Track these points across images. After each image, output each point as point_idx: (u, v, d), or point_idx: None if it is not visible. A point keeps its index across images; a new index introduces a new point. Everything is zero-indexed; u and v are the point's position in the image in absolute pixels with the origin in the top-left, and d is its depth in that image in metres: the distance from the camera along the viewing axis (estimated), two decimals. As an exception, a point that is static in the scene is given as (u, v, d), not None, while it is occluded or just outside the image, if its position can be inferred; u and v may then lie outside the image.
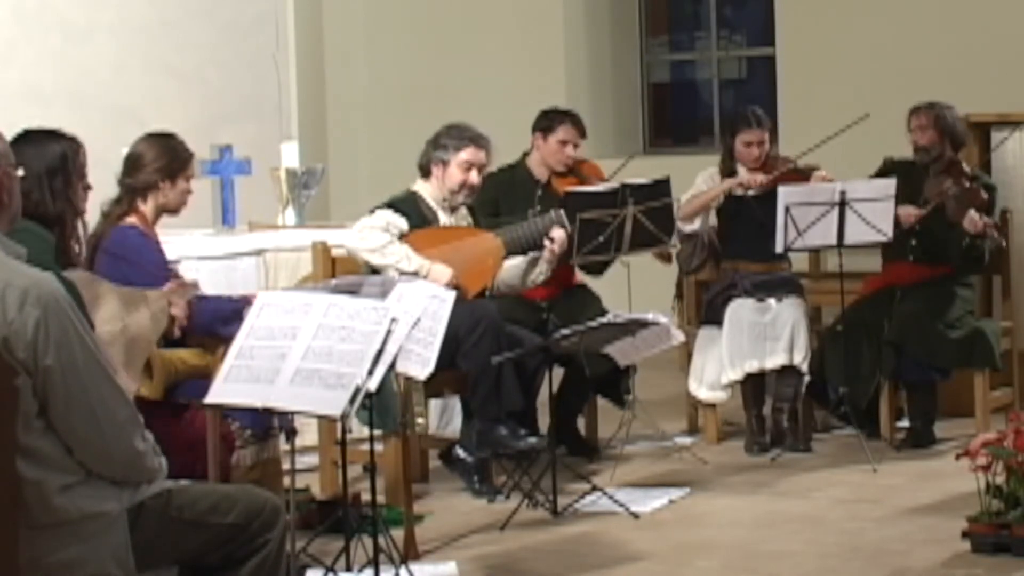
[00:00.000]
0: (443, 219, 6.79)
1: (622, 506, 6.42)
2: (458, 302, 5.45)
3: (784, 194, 7.26)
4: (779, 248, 7.34)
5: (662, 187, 7.14)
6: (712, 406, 7.77)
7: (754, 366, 7.47)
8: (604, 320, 6.50)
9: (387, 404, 6.07)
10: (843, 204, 7.26)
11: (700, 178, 7.69)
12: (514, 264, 6.87)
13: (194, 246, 7.28)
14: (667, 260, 7.75)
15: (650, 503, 6.56)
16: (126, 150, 5.90)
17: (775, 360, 7.44)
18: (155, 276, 5.50)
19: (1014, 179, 8.32)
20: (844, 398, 7.35)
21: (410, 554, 5.76)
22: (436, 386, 6.51)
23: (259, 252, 7.43)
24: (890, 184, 7.36)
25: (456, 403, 7.29)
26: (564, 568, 5.72)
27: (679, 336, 6.73)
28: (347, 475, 5.41)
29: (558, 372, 7.11)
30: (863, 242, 7.38)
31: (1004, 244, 7.48)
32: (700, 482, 6.96)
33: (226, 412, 5.32)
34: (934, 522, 6.05)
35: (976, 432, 6.67)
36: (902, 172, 7.55)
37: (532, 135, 7.58)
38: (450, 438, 7.24)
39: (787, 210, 7.24)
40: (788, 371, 7.47)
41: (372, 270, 6.43)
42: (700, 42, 12.36)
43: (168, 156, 5.78)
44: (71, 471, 3.53)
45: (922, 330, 7.37)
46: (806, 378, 7.50)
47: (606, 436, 7.56)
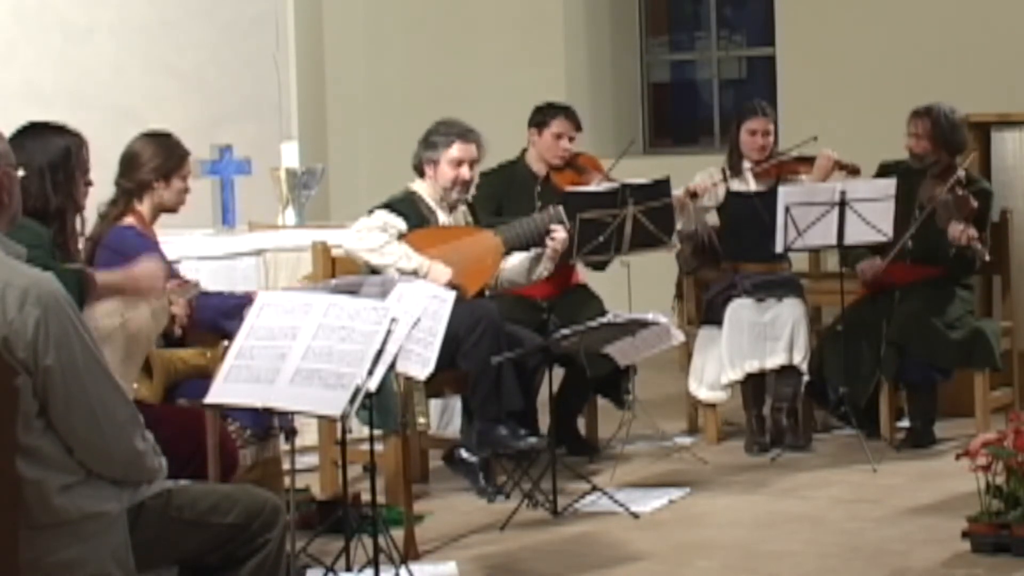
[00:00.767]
0: (442, 218, 6.79)
1: (622, 506, 6.42)
2: (458, 302, 5.45)
3: (784, 194, 7.27)
4: (779, 248, 7.35)
5: (662, 187, 7.14)
6: (712, 406, 7.77)
7: (754, 366, 7.47)
8: (604, 320, 6.50)
9: (387, 404, 6.07)
10: (843, 204, 7.25)
11: (699, 177, 7.69)
12: (517, 261, 6.87)
13: (194, 246, 7.28)
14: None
15: (650, 503, 6.56)
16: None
17: (775, 360, 7.44)
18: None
19: (1014, 179, 8.31)
20: (844, 398, 7.35)
21: (410, 554, 5.76)
22: (436, 386, 6.51)
23: (259, 252, 7.43)
24: (890, 184, 7.36)
25: (456, 403, 7.30)
26: (564, 568, 5.72)
27: (679, 336, 6.73)
28: (347, 475, 5.41)
29: (558, 372, 7.11)
30: (863, 242, 7.38)
31: (987, 258, 7.46)
32: (700, 482, 6.96)
33: (226, 412, 5.32)
34: (934, 522, 6.05)
35: (976, 432, 6.67)
36: (897, 174, 7.54)
37: (528, 131, 7.60)
38: (450, 438, 7.24)
39: (787, 210, 7.24)
40: (788, 371, 7.47)
41: (372, 270, 6.43)
42: (700, 42, 12.36)
43: (163, 155, 5.76)
44: (71, 471, 3.53)
45: (923, 330, 7.37)
46: (806, 378, 7.50)
47: (606, 436, 7.56)
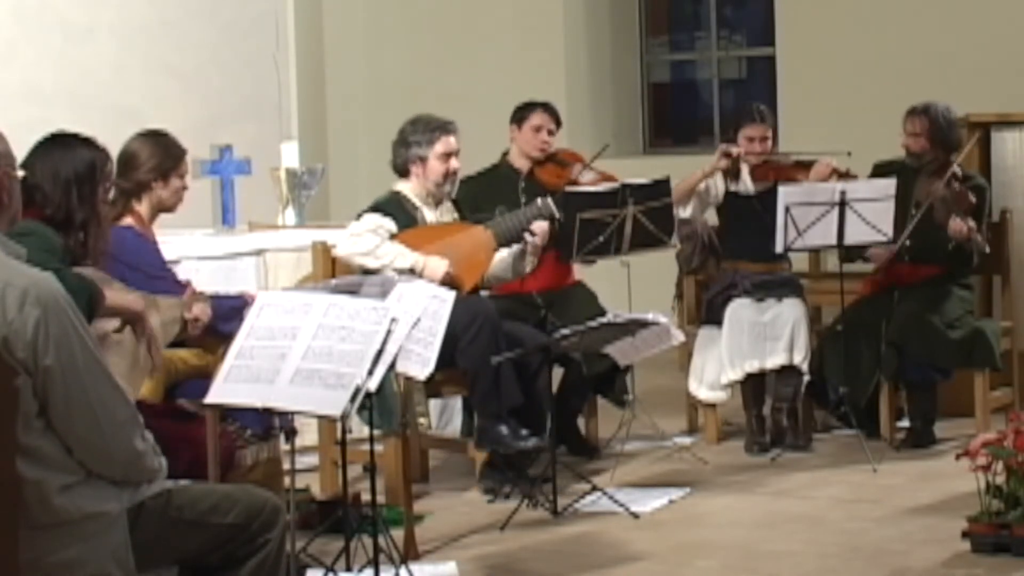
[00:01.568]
0: (429, 216, 6.81)
1: (622, 506, 6.42)
2: (456, 299, 5.45)
3: (784, 194, 7.27)
4: (779, 248, 7.35)
5: (662, 187, 7.15)
6: (712, 406, 7.77)
7: (754, 366, 7.47)
8: (604, 320, 6.50)
9: (387, 404, 6.08)
10: (843, 204, 7.26)
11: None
12: (500, 257, 6.89)
13: (194, 246, 7.28)
14: None
15: (650, 503, 6.56)
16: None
17: (775, 360, 7.44)
18: (153, 277, 5.50)
19: (1014, 179, 8.31)
20: (844, 398, 7.35)
21: (410, 554, 5.76)
22: (436, 386, 6.52)
23: (259, 252, 7.43)
24: (890, 184, 7.36)
25: (456, 403, 7.30)
26: (564, 568, 5.72)
27: (679, 336, 6.73)
28: (347, 475, 5.42)
29: (557, 372, 7.11)
30: (863, 242, 7.39)
31: (987, 251, 7.46)
32: (700, 482, 6.96)
33: (226, 412, 5.32)
34: (934, 522, 6.05)
35: (976, 432, 6.67)
36: (892, 173, 7.54)
37: (509, 128, 7.62)
38: (450, 438, 7.25)
39: (787, 210, 7.24)
40: (788, 371, 7.47)
41: (367, 272, 6.43)
42: (700, 42, 12.36)
43: (161, 155, 5.75)
44: (71, 471, 3.53)
45: (923, 330, 7.37)
46: (806, 378, 7.50)
47: (606, 436, 7.56)
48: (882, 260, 7.57)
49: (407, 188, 6.81)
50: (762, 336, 7.45)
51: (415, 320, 4.95)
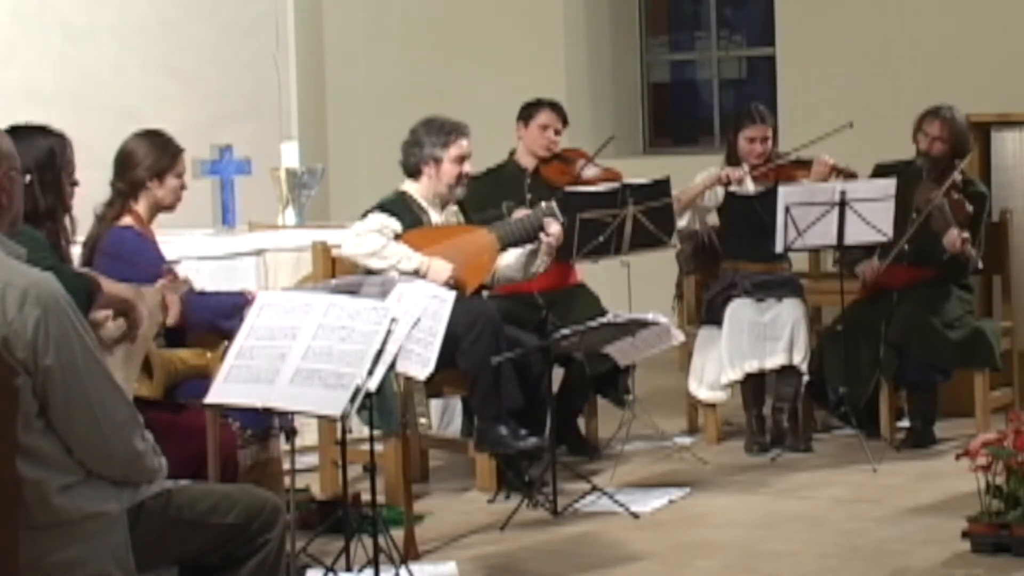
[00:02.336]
0: (434, 217, 6.80)
1: (622, 506, 6.42)
2: (457, 300, 5.45)
3: (784, 194, 7.26)
4: (779, 248, 7.35)
5: (662, 187, 7.15)
6: (712, 406, 7.77)
7: (754, 366, 7.47)
8: (604, 320, 6.51)
9: (387, 404, 6.08)
10: (843, 204, 7.25)
11: (699, 177, 7.69)
12: (513, 257, 6.88)
13: (194, 246, 7.28)
14: None
15: (650, 503, 6.56)
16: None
17: (775, 360, 7.44)
18: (153, 276, 5.49)
19: (1014, 179, 8.31)
20: (844, 398, 7.35)
21: (410, 554, 5.76)
22: (436, 386, 6.52)
23: (259, 252, 7.43)
24: (890, 184, 7.36)
25: (456, 403, 7.31)
26: (564, 568, 5.72)
27: (679, 336, 6.73)
28: (347, 475, 5.42)
29: (558, 372, 7.11)
30: (863, 242, 7.38)
31: (980, 266, 7.47)
32: (700, 482, 6.96)
33: (226, 412, 5.32)
34: (934, 522, 6.05)
35: (976, 432, 6.67)
36: (894, 176, 7.54)
37: (516, 126, 7.63)
38: (450, 438, 7.25)
39: (787, 210, 7.24)
40: (788, 371, 7.47)
41: (369, 272, 6.43)
42: (700, 42, 12.36)
43: (157, 154, 5.74)
44: (71, 471, 3.53)
45: (923, 331, 7.37)
46: (806, 378, 7.50)
47: (606, 436, 7.56)
48: (869, 277, 7.56)
49: (414, 189, 6.80)
50: (762, 336, 7.45)
51: (415, 320, 4.95)
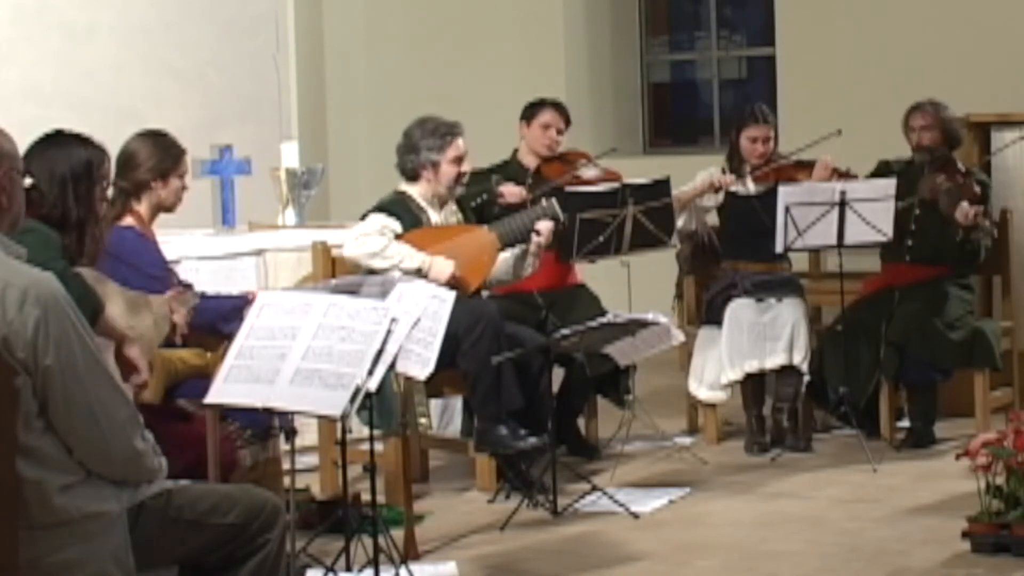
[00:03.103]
0: (433, 217, 6.81)
1: (622, 506, 6.42)
2: (457, 299, 5.45)
3: (784, 194, 7.27)
4: (779, 248, 7.35)
5: (662, 187, 7.15)
6: (712, 406, 7.77)
7: (754, 366, 7.47)
8: (604, 320, 6.51)
9: (387, 404, 6.08)
10: (843, 204, 7.25)
11: (700, 176, 7.69)
12: (503, 258, 6.89)
13: (194, 246, 7.28)
14: None
15: (650, 503, 6.56)
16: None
17: (775, 360, 7.44)
18: (154, 277, 5.49)
19: (1014, 179, 8.31)
20: (844, 398, 7.34)
21: (410, 554, 5.76)
22: (436, 386, 6.52)
23: (259, 252, 7.43)
24: (890, 184, 7.36)
25: (456, 403, 7.30)
26: (564, 568, 5.72)
27: (679, 336, 6.73)
28: (347, 475, 5.42)
29: (558, 372, 7.11)
30: (863, 242, 7.38)
31: (995, 234, 7.47)
32: (700, 482, 6.96)
33: (226, 412, 5.32)
34: (934, 522, 6.05)
35: (976, 432, 6.66)
36: (897, 174, 7.55)
37: (519, 125, 7.63)
38: (450, 438, 7.25)
39: (787, 210, 7.24)
40: (788, 371, 7.47)
41: (370, 272, 6.43)
42: (700, 42, 12.35)
43: (160, 155, 5.75)
44: (71, 471, 3.53)
45: (923, 330, 7.37)
46: (806, 378, 7.50)
47: (606, 436, 7.56)
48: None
49: (413, 190, 6.81)
50: (762, 336, 7.45)
51: (415, 320, 4.95)
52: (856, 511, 6.36)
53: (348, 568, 5.35)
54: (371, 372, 4.60)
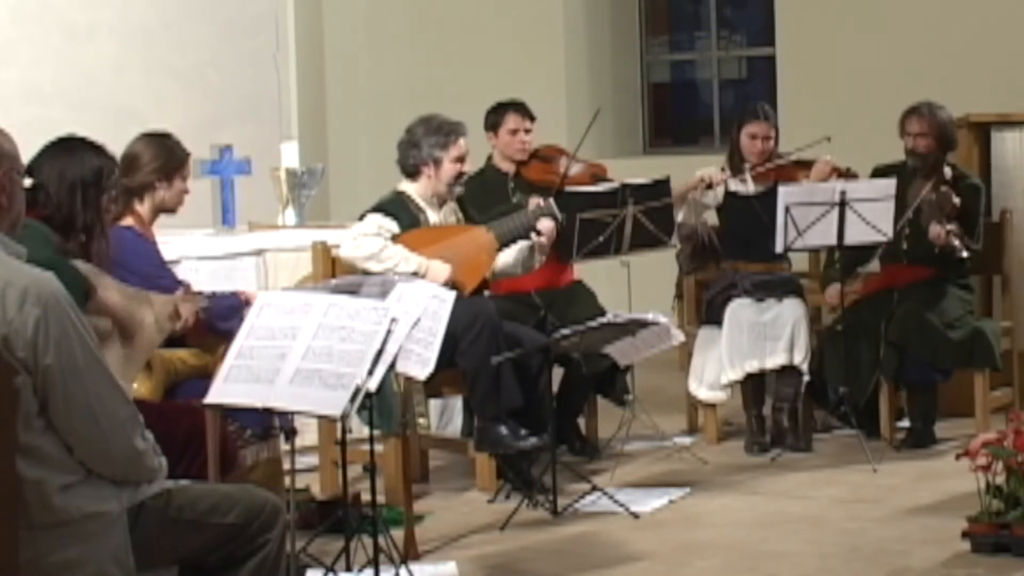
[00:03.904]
0: (432, 217, 6.81)
1: (622, 506, 6.42)
2: (456, 300, 5.45)
3: (784, 194, 7.26)
4: (779, 248, 7.35)
5: (662, 187, 7.15)
6: (712, 406, 7.77)
7: (754, 366, 7.47)
8: (604, 320, 6.51)
9: (387, 404, 6.08)
10: (843, 204, 7.25)
11: (698, 174, 7.68)
12: (511, 254, 6.89)
13: (194, 246, 7.28)
14: None
15: (650, 503, 6.56)
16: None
17: (775, 360, 7.44)
18: (151, 278, 5.49)
19: (1014, 179, 8.30)
20: (844, 398, 7.34)
21: (410, 554, 5.76)
22: (436, 386, 6.52)
23: (259, 252, 7.43)
24: (890, 184, 7.36)
25: (456, 403, 7.31)
26: (564, 568, 5.72)
27: (679, 336, 6.73)
28: (347, 475, 5.42)
29: (558, 372, 7.11)
30: (863, 242, 7.38)
31: (975, 247, 7.42)
32: (700, 482, 6.96)
33: (226, 412, 5.31)
34: (934, 522, 6.05)
35: (976, 432, 6.66)
36: (892, 177, 7.54)
37: (486, 136, 7.61)
38: (450, 438, 7.25)
39: (787, 210, 7.24)
40: (788, 371, 7.47)
41: (369, 273, 6.43)
42: (700, 42, 12.36)
43: (165, 156, 5.76)
44: (71, 471, 3.53)
45: (922, 330, 7.37)
46: (806, 378, 7.50)
47: (606, 436, 7.56)
48: (835, 302, 7.55)
49: (412, 189, 6.80)
50: (762, 336, 7.45)
51: (415, 320, 4.95)
52: (856, 511, 6.36)
53: (348, 568, 5.35)
54: (371, 372, 4.60)
